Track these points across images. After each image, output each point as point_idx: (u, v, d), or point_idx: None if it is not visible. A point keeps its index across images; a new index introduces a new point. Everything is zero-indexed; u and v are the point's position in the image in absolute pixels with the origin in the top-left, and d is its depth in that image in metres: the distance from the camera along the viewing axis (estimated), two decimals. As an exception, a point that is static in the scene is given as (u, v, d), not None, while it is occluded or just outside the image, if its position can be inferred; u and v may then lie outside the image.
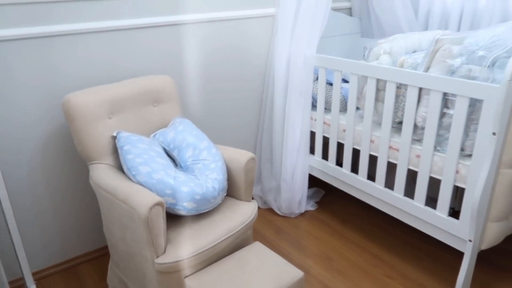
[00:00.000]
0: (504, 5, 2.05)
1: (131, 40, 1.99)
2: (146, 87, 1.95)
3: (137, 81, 1.95)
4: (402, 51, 1.93)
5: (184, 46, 2.16)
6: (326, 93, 2.32)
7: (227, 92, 2.41)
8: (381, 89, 1.99)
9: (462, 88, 1.57)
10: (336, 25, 2.65)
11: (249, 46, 2.40)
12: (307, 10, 2.25)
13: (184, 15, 2.11)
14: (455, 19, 2.28)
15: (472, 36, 1.61)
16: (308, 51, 2.27)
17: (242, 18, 2.31)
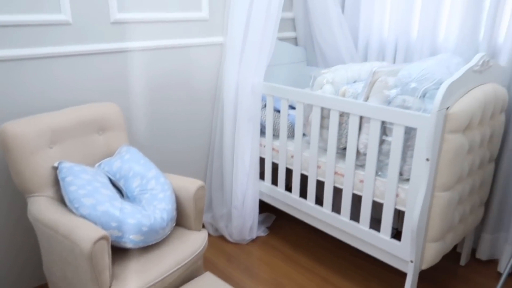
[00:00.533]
0: (432, 40, 2.25)
1: (76, 66, 1.94)
2: (91, 115, 1.89)
3: (81, 108, 1.89)
4: (344, 81, 2.04)
5: (131, 73, 2.14)
6: (274, 120, 2.38)
7: (176, 119, 2.40)
8: (326, 116, 2.08)
9: (397, 117, 1.69)
10: (283, 54, 2.75)
11: (198, 74, 2.42)
12: (254, 40, 2.32)
13: (131, 42, 2.09)
14: (390, 52, 2.46)
15: (405, 69, 1.74)
16: (255, 79, 2.33)
17: (190, 46, 2.33)
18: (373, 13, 2.50)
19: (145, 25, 2.12)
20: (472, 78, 1.69)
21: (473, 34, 2.10)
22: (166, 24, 2.20)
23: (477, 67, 1.68)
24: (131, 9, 2.05)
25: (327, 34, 2.60)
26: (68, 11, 1.85)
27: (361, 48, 2.60)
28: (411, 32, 2.38)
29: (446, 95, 1.55)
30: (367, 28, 2.56)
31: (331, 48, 2.63)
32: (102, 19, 1.96)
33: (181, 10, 2.24)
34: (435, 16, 2.21)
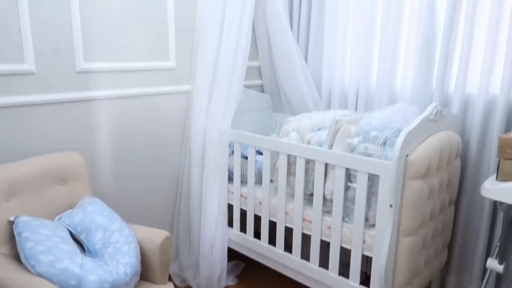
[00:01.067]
0: (390, 88, 2.38)
1: (39, 116, 1.90)
2: (52, 165, 1.84)
3: (42, 159, 1.83)
4: (309, 129, 2.10)
5: (96, 121, 2.11)
6: (242, 166, 2.39)
7: (143, 167, 2.36)
8: (292, 163, 2.11)
9: (361, 164, 1.74)
10: (250, 101, 2.82)
11: (165, 122, 2.42)
12: (222, 87, 2.37)
13: (97, 91, 2.08)
14: (352, 99, 2.57)
15: (366, 118, 1.82)
16: (223, 126, 2.36)
17: (157, 94, 2.35)
18: (334, 63, 2.64)
19: (112, 74, 2.13)
20: (427, 127, 1.79)
21: (426, 84, 2.24)
22: (133, 73, 2.21)
23: (431, 116, 1.79)
24: (97, 58, 2.06)
25: (291, 82, 2.70)
26: (32, 61, 1.83)
27: (325, 95, 2.71)
28: (370, 81, 2.51)
29: (404, 144, 1.62)
30: (329, 77, 2.68)
31: (296, 95, 2.72)
32: (67, 68, 1.96)
33: (148, 60, 2.27)
34: (391, 67, 2.35)
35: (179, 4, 2.35)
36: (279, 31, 2.62)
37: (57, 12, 1.88)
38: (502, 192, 1.57)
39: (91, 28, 2.00)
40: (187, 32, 2.43)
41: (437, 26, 2.18)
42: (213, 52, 2.38)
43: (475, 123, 2.10)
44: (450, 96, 2.21)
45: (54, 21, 1.88)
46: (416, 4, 2.22)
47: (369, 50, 2.45)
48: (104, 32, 2.06)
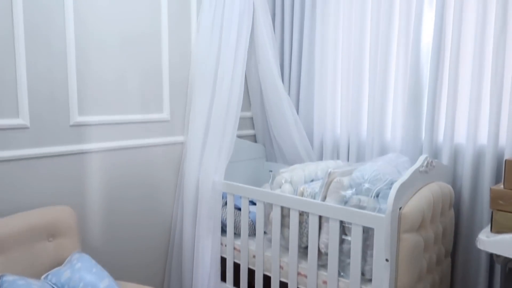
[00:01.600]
0: (380, 139, 2.42)
1: (31, 169, 1.89)
2: (41, 220, 1.80)
3: (30, 214, 1.80)
4: (302, 180, 2.11)
5: (88, 174, 2.10)
6: (235, 218, 2.36)
7: (134, 220, 2.32)
8: (286, 215, 2.09)
9: (355, 217, 1.73)
10: (242, 150, 2.84)
11: (158, 173, 2.41)
12: (215, 138, 2.39)
13: (90, 144, 2.09)
14: (344, 149, 2.60)
15: (358, 170, 1.84)
16: (216, 178, 2.35)
17: (151, 146, 2.36)
18: (325, 113, 2.69)
19: (106, 127, 2.14)
20: (419, 178, 1.80)
21: (415, 135, 2.29)
22: (127, 125, 2.23)
23: (422, 168, 1.81)
24: (92, 111, 2.08)
25: (283, 132, 2.74)
26: (26, 116, 1.85)
27: (317, 145, 2.74)
28: (361, 131, 2.56)
29: (397, 196, 1.63)
30: (321, 127, 2.72)
31: (288, 145, 2.75)
32: (61, 122, 1.97)
33: (142, 112, 2.30)
34: (380, 118, 2.41)
35: (173, 57, 2.42)
36: (270, 83, 2.70)
37: (54, 67, 1.92)
38: (498, 244, 1.57)
39: (86, 82, 2.04)
40: (181, 84, 2.49)
41: (423, 78, 2.26)
42: (206, 103, 2.43)
43: (466, 173, 2.12)
44: (439, 146, 2.25)
45: (50, 75, 1.92)
46: (401, 57, 2.31)
47: (358, 101, 2.52)
48: (99, 86, 2.10)
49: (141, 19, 2.24)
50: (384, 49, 2.36)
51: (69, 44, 1.96)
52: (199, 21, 2.51)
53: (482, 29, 2.04)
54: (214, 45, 2.46)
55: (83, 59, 2.02)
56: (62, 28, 1.93)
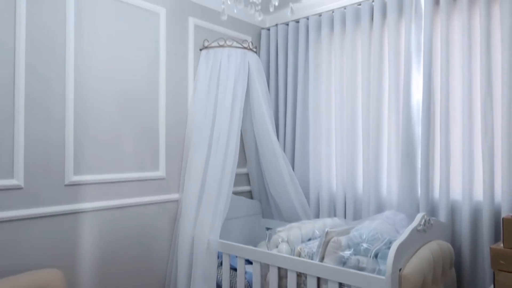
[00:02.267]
0: (376, 195, 2.42)
1: (23, 230, 1.84)
2: (29, 284, 1.72)
3: (17, 278, 1.72)
4: (299, 239, 2.07)
5: (81, 235, 2.05)
6: (231, 279, 2.29)
7: (126, 281, 2.23)
8: (284, 276, 2.03)
9: (354, 279, 1.68)
10: (239, 207, 2.81)
11: (152, 231, 2.36)
12: (210, 195, 2.38)
13: (85, 204, 2.06)
14: (340, 205, 2.59)
15: (356, 229, 1.82)
16: (211, 236, 2.31)
17: (146, 204, 2.33)
18: (320, 169, 2.71)
19: (101, 185, 2.13)
20: (417, 237, 1.78)
21: (411, 191, 2.29)
22: (122, 184, 2.22)
23: (420, 226, 1.79)
24: (87, 170, 2.08)
25: (279, 189, 2.73)
26: (21, 176, 1.84)
27: (313, 201, 2.73)
28: (357, 188, 2.56)
29: (396, 257, 1.59)
30: (316, 183, 2.72)
31: (284, 202, 2.73)
32: (56, 182, 1.96)
33: (138, 170, 2.30)
34: (375, 174, 2.42)
35: (170, 115, 2.47)
36: (265, 140, 2.73)
37: (51, 129, 1.94)
38: (502, 308, 1.52)
39: (83, 142, 2.06)
40: (177, 141, 2.52)
41: (415, 135, 2.31)
42: (202, 161, 2.44)
43: (464, 231, 2.10)
44: (435, 202, 2.25)
45: (47, 137, 1.93)
46: (393, 114, 2.37)
47: (353, 157, 2.55)
48: (96, 145, 2.11)
49: (139, 79, 2.31)
50: (376, 107, 2.43)
51: (68, 107, 1.99)
52: (196, 80, 2.59)
53: (469, 88, 2.12)
54: (210, 104, 2.52)
55: (81, 121, 2.05)
56: (62, 91, 1.98)
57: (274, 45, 2.97)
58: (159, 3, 2.42)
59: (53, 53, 1.95)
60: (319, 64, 2.76)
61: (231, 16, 2.82)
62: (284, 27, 2.92)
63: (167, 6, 2.46)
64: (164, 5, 2.44)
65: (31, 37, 1.87)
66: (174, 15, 2.50)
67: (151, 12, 2.37)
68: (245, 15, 2.91)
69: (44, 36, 1.92)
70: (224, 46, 2.61)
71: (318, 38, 2.76)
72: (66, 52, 1.99)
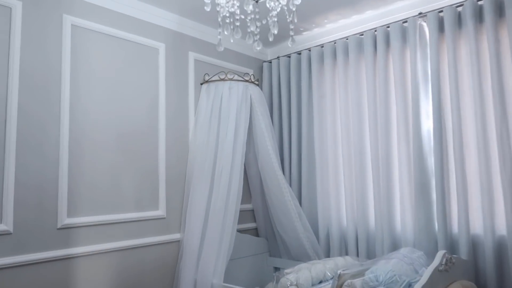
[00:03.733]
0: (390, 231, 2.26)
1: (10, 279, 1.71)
2: None
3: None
4: (309, 283, 1.91)
5: (73, 282, 1.91)
6: (237, 327, 2.11)
7: (123, 332, 2.07)
8: (293, 323, 1.86)
9: (372, 327, 1.52)
10: (244, 246, 2.65)
11: (151, 275, 2.21)
12: (213, 234, 2.25)
13: (79, 248, 1.93)
14: (352, 242, 2.43)
15: (371, 271, 1.66)
16: (215, 280, 2.15)
17: (145, 245, 2.19)
18: (329, 204, 2.57)
19: (97, 227, 2.01)
20: (439, 278, 1.62)
21: (427, 226, 2.14)
22: (119, 225, 2.10)
23: (442, 266, 1.64)
24: (82, 212, 1.97)
25: (287, 225, 2.58)
26: (10, 221, 1.73)
27: (323, 238, 2.57)
28: (369, 223, 2.41)
29: (418, 302, 1.44)
30: (326, 219, 2.58)
31: (292, 239, 2.58)
32: (48, 225, 1.85)
33: (136, 210, 2.18)
34: (388, 209, 2.28)
35: (170, 152, 2.37)
36: (270, 173, 2.61)
37: (44, 170, 1.85)
38: None
39: (78, 182, 1.96)
40: (178, 179, 2.41)
41: (428, 165, 2.18)
42: (204, 198, 2.33)
43: (489, 268, 1.93)
44: (455, 238, 2.08)
45: (40, 178, 1.84)
46: (402, 143, 2.26)
47: (363, 191, 2.41)
48: (91, 185, 2.01)
49: (138, 116, 2.24)
50: (385, 137, 2.32)
51: (62, 148, 1.91)
52: (197, 114, 2.52)
53: (482, 114, 2.02)
54: (212, 138, 2.43)
55: (76, 161, 1.96)
56: (57, 132, 1.91)
57: (276, 77, 2.92)
58: (158, 39, 2.38)
59: (47, 93, 1.89)
60: (323, 95, 2.68)
61: (231, 50, 2.78)
62: (285, 59, 2.87)
63: (167, 42, 2.43)
64: (164, 41, 2.41)
65: (24, 76, 1.82)
66: (173, 50, 2.46)
67: (150, 48, 2.34)
68: (245, 48, 2.88)
69: (38, 74, 1.87)
70: (225, 79, 2.55)
71: (321, 69, 2.70)
72: (61, 92, 1.94)
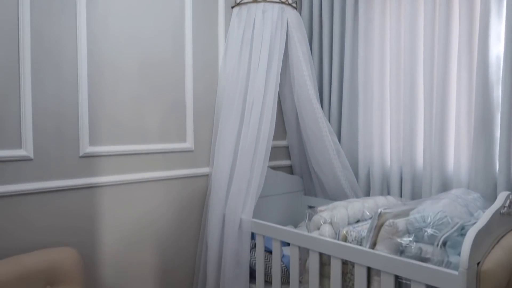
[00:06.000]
0: (441, 171, 2.01)
1: (32, 205, 1.67)
2: (38, 264, 1.56)
3: (26, 257, 1.57)
4: (345, 221, 1.74)
5: (98, 211, 1.86)
6: (266, 263, 2.02)
7: (151, 264, 2.03)
8: (326, 263, 1.72)
9: (416, 272, 1.34)
10: (277, 183, 2.52)
11: (179, 209, 2.13)
12: (243, 170, 2.10)
13: (103, 177, 1.86)
14: (395, 182, 2.20)
15: (417, 211, 1.45)
16: (244, 216, 2.04)
17: (172, 178, 2.10)
18: (372, 142, 2.33)
19: (121, 157, 1.92)
20: (500, 222, 1.39)
21: (487, 166, 1.86)
22: (144, 156, 2.00)
23: (504, 208, 1.39)
24: (105, 141, 1.87)
25: (323, 163, 2.39)
26: (30, 146, 1.65)
27: (362, 178, 2.37)
28: (416, 162, 2.16)
29: (474, 247, 1.22)
30: (367, 157, 2.35)
31: (329, 178, 2.39)
32: (69, 153, 1.76)
33: (162, 142, 2.06)
34: (440, 146, 2.01)
35: (198, 81, 2.19)
36: (307, 108, 2.38)
37: (63, 93, 1.74)
38: None
39: (99, 109, 1.84)
40: (207, 110, 2.24)
41: (494, 96, 1.86)
42: (234, 131, 2.16)
43: (559, 215, 1.66)
44: (519, 180, 1.81)
45: (59, 102, 1.73)
46: (464, 72, 1.94)
47: (411, 127, 2.14)
48: (114, 113, 1.89)
49: (162, 43, 2.04)
50: (442, 65, 2.00)
51: (80, 68, 1.77)
52: (227, 42, 2.28)
53: None
54: (243, 67, 2.21)
55: (96, 84, 1.83)
56: (74, 51, 1.76)
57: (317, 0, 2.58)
58: (184, -47, 2.11)
59: (63, 14, 1.72)
60: (370, 19, 2.34)
61: (267, -33, 2.46)
62: (329, -23, 2.51)
63: (193, -43, 2.15)
64: (190, -44, 2.14)
65: (35, -10, 1.65)
66: (201, -33, 2.19)
67: (174, -37, 2.08)
68: (283, -34, 2.54)
69: (50, -11, 1.69)
70: (259, 1, 2.26)
71: (369, -13, 2.34)
72: (77, 13, 1.75)
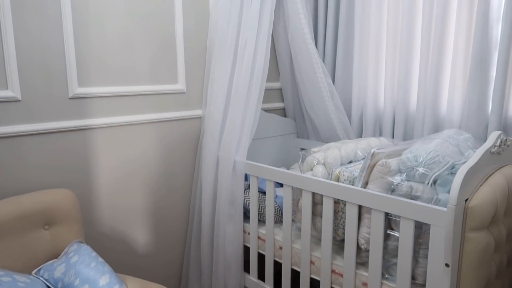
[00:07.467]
0: (433, 111, 2.01)
1: (24, 148, 1.65)
2: (34, 205, 1.57)
3: (22, 198, 1.57)
4: (337, 162, 1.76)
5: (91, 153, 1.85)
6: (259, 203, 2.07)
7: (146, 204, 2.08)
8: (318, 202, 1.77)
9: (405, 209, 1.38)
10: (270, 126, 2.52)
11: (173, 152, 2.14)
12: (236, 112, 2.08)
13: (94, 119, 1.83)
14: (388, 124, 2.22)
15: (410, 151, 1.47)
16: (238, 157, 2.06)
17: (164, 120, 2.07)
18: (366, 82, 2.30)
19: (111, 99, 1.88)
20: (490, 161, 1.42)
21: (480, 106, 1.86)
22: (135, 98, 1.96)
23: (495, 148, 1.42)
24: (94, 82, 1.81)
25: (317, 105, 2.37)
26: (16, 87, 1.60)
27: (355, 120, 2.37)
28: (409, 103, 2.16)
29: (463, 184, 1.26)
30: (360, 98, 2.34)
31: (322, 120, 2.39)
32: (58, 94, 1.72)
33: (153, 83, 2.01)
34: (435, 87, 2.00)
35: (188, 19, 2.10)
36: (301, 48, 2.32)
37: (46, 30, 1.65)
38: None
39: (87, 48, 1.77)
40: (199, 50, 2.17)
41: (492, 36, 1.82)
42: (226, 72, 2.11)
43: (546, 154, 1.70)
44: (510, 121, 1.82)
45: (43, 40, 1.65)
46: (464, 10, 1.87)
47: (407, 66, 2.11)
48: (101, 53, 1.82)
49: (149, -27, 1.92)
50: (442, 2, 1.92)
51: (63, 3, 1.67)
52: (218, -24, 2.15)
53: None
54: (235, 4, 2.10)
55: (81, 21, 1.74)
56: (55, -17, 1.65)
57: None
58: None
59: None
60: (369, -48, 2.21)
61: None
62: None
63: None
64: None
65: None
66: None
67: None
68: None
69: None
70: None
71: None
72: None
